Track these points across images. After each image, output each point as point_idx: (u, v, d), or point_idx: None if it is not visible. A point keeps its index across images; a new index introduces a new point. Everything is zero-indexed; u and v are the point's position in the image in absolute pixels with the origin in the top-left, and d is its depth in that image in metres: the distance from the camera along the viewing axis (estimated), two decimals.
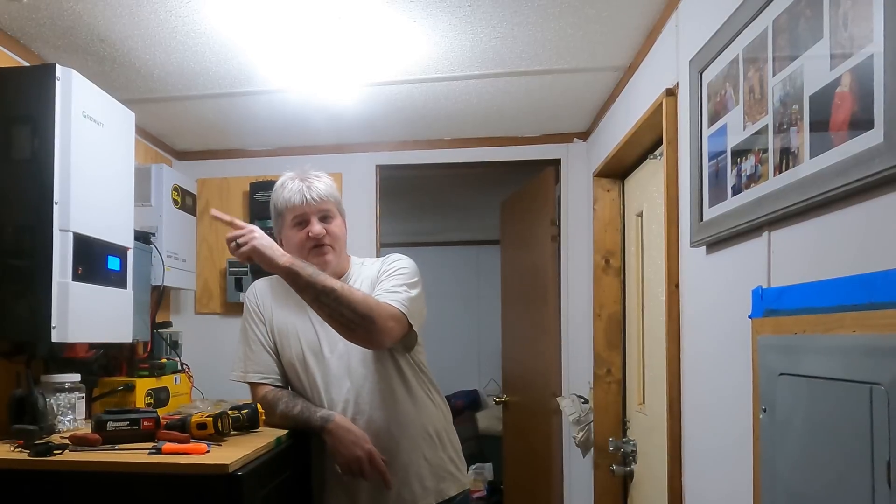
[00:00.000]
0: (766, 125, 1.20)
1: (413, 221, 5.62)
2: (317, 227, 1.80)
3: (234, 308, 3.19)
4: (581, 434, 2.76)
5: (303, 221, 1.81)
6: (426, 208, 5.17)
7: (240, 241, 1.67)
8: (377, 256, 3.09)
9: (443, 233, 6.21)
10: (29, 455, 1.55)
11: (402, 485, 1.79)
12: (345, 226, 1.90)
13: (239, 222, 1.73)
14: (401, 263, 1.85)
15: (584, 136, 2.99)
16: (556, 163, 3.06)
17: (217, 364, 2.93)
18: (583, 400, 2.84)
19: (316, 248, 1.80)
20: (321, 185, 1.82)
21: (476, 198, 4.73)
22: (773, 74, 1.18)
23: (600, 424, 2.63)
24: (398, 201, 4.41)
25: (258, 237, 1.67)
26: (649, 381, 2.31)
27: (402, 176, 3.41)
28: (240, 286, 3.14)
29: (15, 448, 1.62)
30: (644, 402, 2.37)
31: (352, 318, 1.63)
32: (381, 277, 1.82)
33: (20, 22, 1.91)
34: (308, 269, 1.65)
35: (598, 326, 2.66)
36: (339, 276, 1.86)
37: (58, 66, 1.81)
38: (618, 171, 2.58)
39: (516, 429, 3.68)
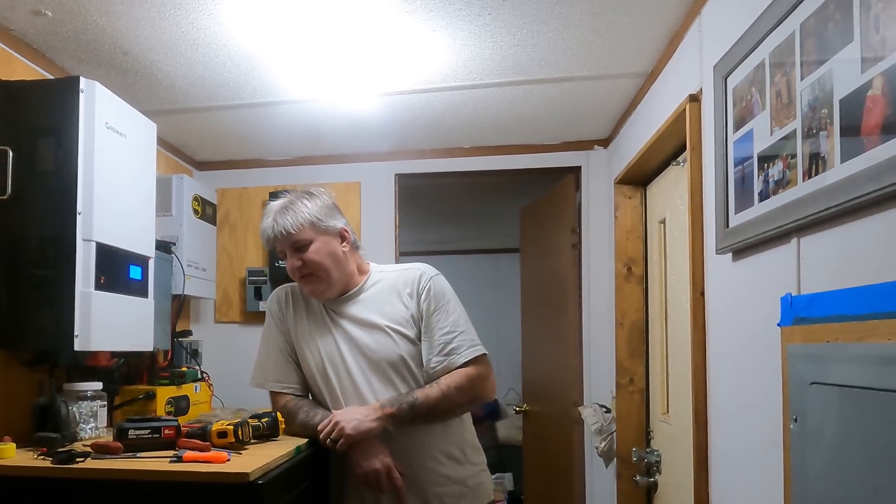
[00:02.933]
0: (795, 130, 1.18)
1: (431, 230, 5.62)
2: (290, 262, 1.80)
3: (253, 317, 3.20)
4: (603, 444, 2.73)
5: (283, 255, 1.83)
6: (444, 217, 5.16)
7: (333, 436, 1.71)
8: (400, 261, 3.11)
9: (461, 241, 6.19)
10: (52, 463, 1.56)
11: (422, 502, 1.78)
12: (334, 241, 1.81)
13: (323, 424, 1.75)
14: (438, 288, 1.84)
15: (605, 143, 2.97)
16: (576, 170, 3.04)
17: (236, 372, 2.93)
18: (605, 409, 2.81)
19: (302, 279, 1.82)
20: (288, 217, 1.77)
21: (495, 206, 4.72)
22: (801, 79, 1.16)
23: (623, 434, 2.60)
24: (416, 210, 4.41)
25: (343, 423, 1.70)
26: (673, 390, 2.28)
27: (420, 185, 3.42)
28: (259, 295, 3.15)
29: (38, 456, 1.62)
30: (668, 411, 2.34)
31: (461, 410, 1.84)
32: (430, 314, 1.81)
33: (45, 36, 1.94)
34: (403, 406, 1.73)
35: (621, 335, 2.63)
36: (349, 290, 1.85)
37: (81, 79, 1.83)
38: (640, 177, 2.56)
39: (537, 438, 3.65)
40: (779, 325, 1.26)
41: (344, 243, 1.83)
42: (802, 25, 1.16)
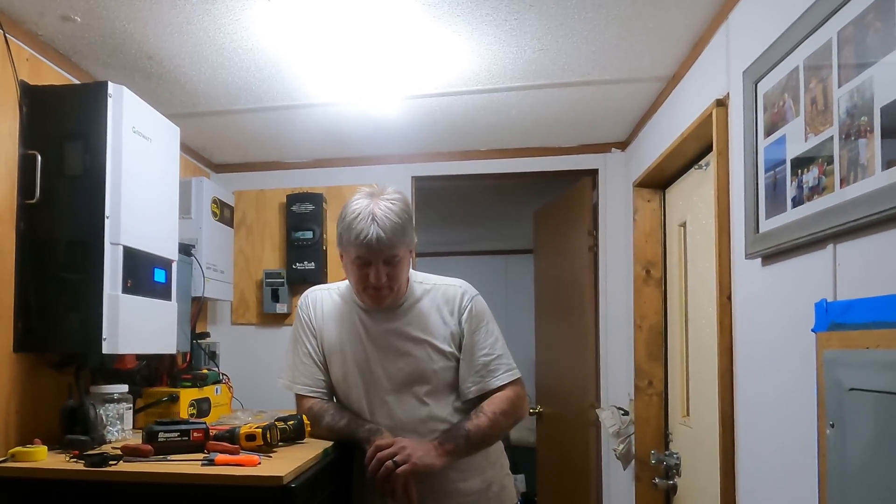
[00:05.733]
0: (832, 137, 1.18)
1: (442, 231, 5.62)
2: (378, 276, 1.68)
3: (270, 318, 3.21)
4: (622, 446, 2.73)
5: (366, 263, 1.69)
6: (456, 218, 5.17)
7: (398, 459, 1.62)
8: (413, 268, 3.11)
9: (471, 242, 6.20)
10: (85, 465, 1.57)
11: None
12: (409, 256, 1.77)
13: (384, 441, 1.68)
14: (478, 309, 1.83)
15: (623, 145, 2.97)
16: (592, 173, 3.04)
17: (254, 374, 2.96)
18: (622, 412, 2.82)
19: (374, 291, 1.73)
20: (391, 226, 1.64)
21: (507, 207, 4.73)
22: (839, 86, 1.16)
23: (642, 437, 2.61)
24: (428, 212, 4.41)
25: (410, 450, 1.64)
26: (694, 393, 2.28)
27: (433, 187, 3.41)
28: (276, 297, 3.17)
29: (70, 458, 1.64)
30: (688, 414, 2.34)
31: (504, 434, 1.86)
32: (471, 334, 1.80)
33: (73, 41, 1.95)
34: (460, 441, 1.71)
35: (639, 338, 2.63)
36: (396, 300, 1.81)
37: (110, 84, 1.84)
38: (659, 181, 2.56)
39: (551, 440, 3.66)
40: (813, 330, 1.26)
41: (411, 256, 1.80)
42: (840, 33, 1.16)
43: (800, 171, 1.30)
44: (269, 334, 3.22)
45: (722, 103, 1.74)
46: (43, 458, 1.65)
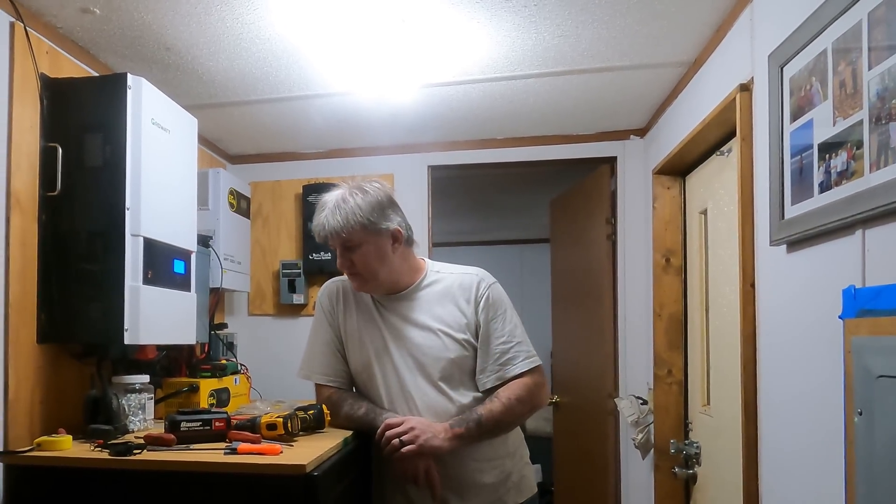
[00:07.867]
0: (861, 120, 1.16)
1: (457, 221, 5.62)
2: (340, 261, 1.79)
3: (286, 309, 3.23)
4: (641, 436, 2.72)
5: (334, 248, 1.81)
6: (471, 208, 5.15)
7: (405, 439, 1.65)
8: (429, 257, 3.10)
9: (485, 232, 6.19)
10: (110, 454, 1.58)
11: (462, 501, 1.78)
12: (384, 242, 1.76)
13: (394, 420, 1.71)
14: (496, 297, 1.82)
15: (641, 132, 2.94)
16: (611, 160, 3.01)
17: (271, 365, 2.98)
18: (641, 401, 2.80)
19: (350, 275, 1.82)
20: (339, 216, 1.71)
21: (522, 197, 4.71)
22: (870, 68, 1.14)
23: (661, 426, 2.59)
24: (443, 201, 4.40)
25: (419, 430, 1.66)
26: (715, 381, 2.26)
27: (448, 176, 3.40)
28: (293, 288, 3.17)
29: (94, 448, 1.65)
30: (709, 403, 2.33)
31: (521, 420, 1.83)
32: (488, 323, 1.79)
33: (92, 33, 1.95)
34: (471, 426, 1.70)
35: (659, 326, 2.61)
36: (400, 289, 1.83)
37: (129, 75, 1.85)
38: (679, 168, 2.53)
39: (569, 430, 3.65)
40: (841, 317, 1.24)
41: (395, 244, 1.78)
42: (871, 14, 1.14)
43: (828, 155, 1.28)
44: (286, 325, 3.24)
45: (746, 88, 1.71)
46: (68, 447, 1.67)
